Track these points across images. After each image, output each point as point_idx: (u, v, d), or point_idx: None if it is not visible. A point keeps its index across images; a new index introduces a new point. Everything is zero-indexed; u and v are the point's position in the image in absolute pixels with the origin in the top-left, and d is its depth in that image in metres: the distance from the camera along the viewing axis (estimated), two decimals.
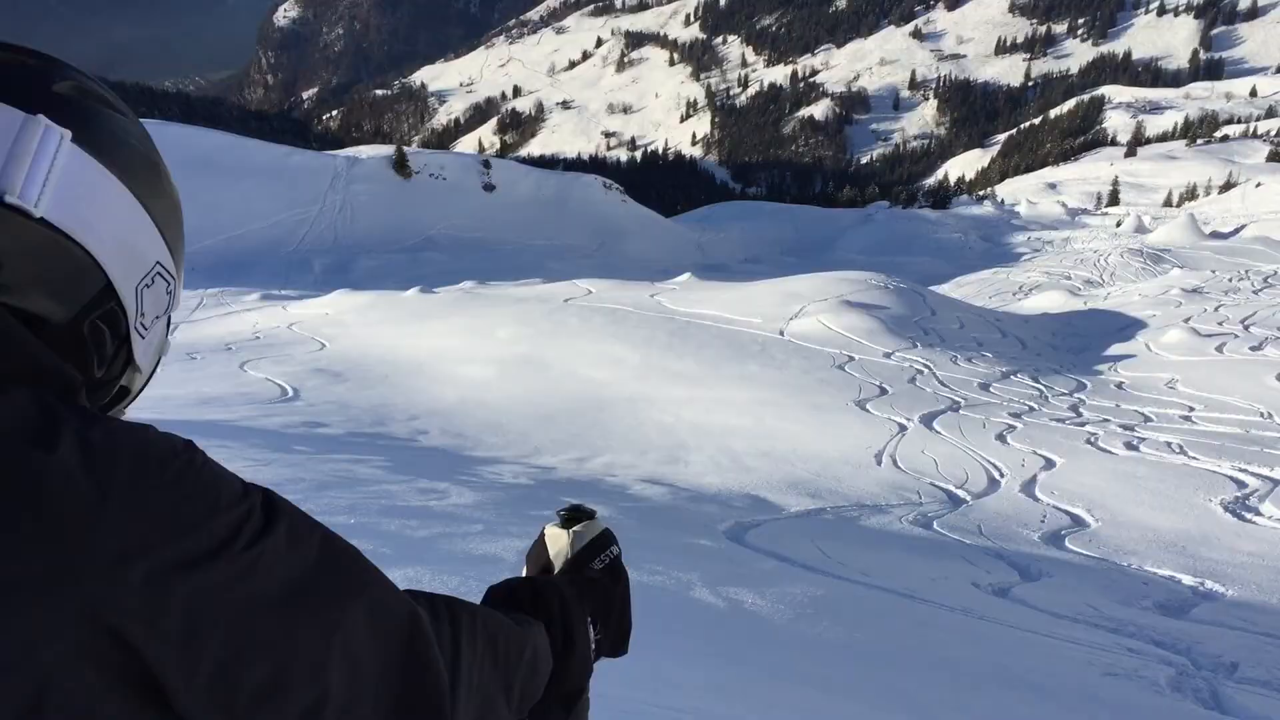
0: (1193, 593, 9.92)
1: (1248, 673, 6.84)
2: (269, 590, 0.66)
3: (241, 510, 0.67)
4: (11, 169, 0.68)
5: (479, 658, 0.90)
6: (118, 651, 0.59)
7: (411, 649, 0.78)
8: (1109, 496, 14.20)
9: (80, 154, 0.73)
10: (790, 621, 6.36)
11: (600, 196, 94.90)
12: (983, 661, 6.12)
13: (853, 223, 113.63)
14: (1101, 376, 24.85)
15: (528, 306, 29.75)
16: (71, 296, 0.75)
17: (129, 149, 0.80)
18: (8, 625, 0.54)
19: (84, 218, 0.74)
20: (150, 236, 0.81)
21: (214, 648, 0.63)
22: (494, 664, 0.93)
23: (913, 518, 12.75)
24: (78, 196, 0.73)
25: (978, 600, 8.43)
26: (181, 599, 0.61)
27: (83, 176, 0.73)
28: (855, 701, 4.83)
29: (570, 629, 1.12)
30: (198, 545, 0.63)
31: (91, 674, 0.58)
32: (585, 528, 1.29)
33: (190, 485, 0.64)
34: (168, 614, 0.60)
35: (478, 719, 0.88)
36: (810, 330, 27.12)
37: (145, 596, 0.59)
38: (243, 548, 0.65)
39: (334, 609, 0.71)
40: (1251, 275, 41.78)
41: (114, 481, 0.60)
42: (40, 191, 0.70)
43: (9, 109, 0.70)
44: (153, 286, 0.83)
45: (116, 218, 0.77)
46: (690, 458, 15.71)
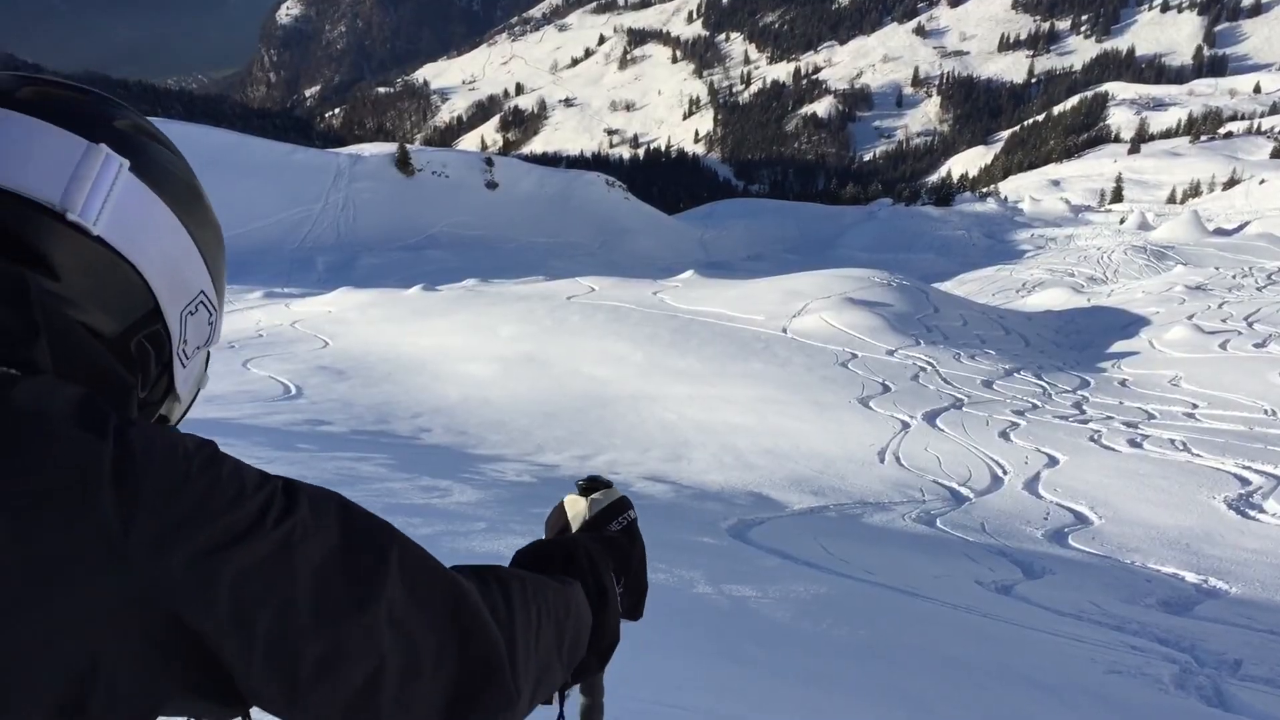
0: (1196, 590, 9.91)
1: (1251, 670, 6.84)
2: (306, 564, 0.72)
3: (264, 494, 0.72)
4: (74, 190, 0.74)
5: (533, 623, 0.94)
6: (170, 631, 0.65)
7: (459, 618, 0.83)
8: (1112, 494, 14.18)
9: (136, 182, 0.80)
10: (793, 619, 6.36)
11: (603, 194, 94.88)
12: (986, 659, 6.12)
13: (855, 220, 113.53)
14: (1105, 374, 24.83)
15: (530, 304, 29.74)
16: (122, 313, 0.80)
17: (179, 181, 0.86)
18: (55, 604, 0.59)
19: (137, 240, 0.80)
20: (196, 266, 0.87)
21: (265, 623, 0.68)
22: (547, 627, 0.98)
23: (916, 515, 12.74)
24: (132, 220, 0.79)
25: (981, 598, 8.43)
26: (226, 580, 0.66)
27: (138, 202, 0.80)
28: (857, 699, 4.83)
29: (603, 584, 1.17)
30: (229, 529, 0.68)
31: (143, 653, 0.64)
32: (603, 494, 1.36)
33: (215, 477, 0.69)
34: (215, 594, 0.66)
35: (538, 681, 0.94)
36: (813, 327, 27.10)
37: (190, 580, 0.65)
38: (272, 526, 0.70)
39: (372, 578, 0.76)
40: (1255, 272, 41.69)
41: (149, 475, 0.65)
42: (99, 212, 0.76)
43: (75, 137, 0.77)
44: (196, 315, 0.89)
45: (166, 243, 0.83)
46: (693, 455, 15.70)
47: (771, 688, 4.44)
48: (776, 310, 29.33)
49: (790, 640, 5.72)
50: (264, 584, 0.69)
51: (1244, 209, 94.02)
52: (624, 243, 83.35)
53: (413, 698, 0.79)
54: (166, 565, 0.64)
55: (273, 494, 0.73)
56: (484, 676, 0.84)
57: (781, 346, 25.31)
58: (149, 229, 0.81)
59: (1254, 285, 37.50)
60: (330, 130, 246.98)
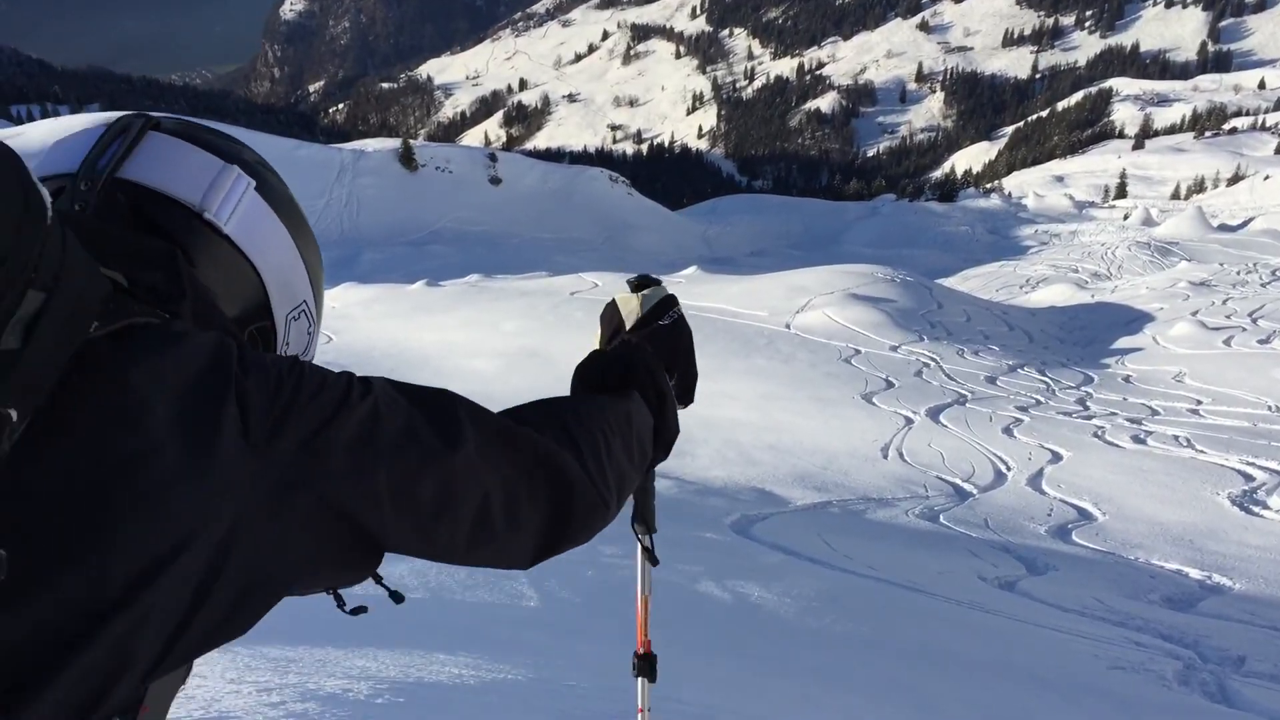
0: (1200, 586, 9.90)
1: (1255, 666, 6.83)
2: (394, 424, 0.88)
3: (344, 381, 0.89)
4: (211, 195, 0.95)
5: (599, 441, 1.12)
6: (304, 500, 0.81)
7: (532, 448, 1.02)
8: (1116, 490, 14.17)
9: (259, 200, 1.00)
10: (796, 615, 6.36)
11: (606, 190, 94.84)
12: (989, 655, 6.12)
13: (859, 216, 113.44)
14: (1109, 370, 24.80)
15: (533, 300, 29.76)
16: (239, 301, 0.99)
17: (292, 207, 1.06)
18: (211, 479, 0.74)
19: (257, 244, 1.00)
20: (302, 278, 1.06)
21: (383, 477, 0.86)
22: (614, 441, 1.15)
23: (919, 511, 12.74)
24: (254, 227, 0.99)
25: (984, 594, 8.43)
26: (339, 449, 0.83)
27: (259, 216, 1.00)
28: (860, 695, 4.83)
29: (660, 388, 1.32)
30: (323, 409, 0.84)
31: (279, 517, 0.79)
32: (653, 291, 1.47)
33: (300, 374, 0.85)
34: (332, 462, 0.82)
35: (619, 487, 1.14)
36: (816, 323, 27.08)
37: (307, 455, 0.81)
38: (358, 401, 0.87)
39: (450, 425, 0.94)
40: (1260, 268, 41.61)
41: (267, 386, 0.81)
42: (230, 216, 0.96)
43: (213, 157, 0.98)
44: (298, 321, 1.08)
45: (280, 252, 1.02)
46: (696, 451, 15.69)
47: (774, 682, 4.44)
48: (780, 306, 29.31)
49: (793, 635, 5.72)
50: (369, 445, 0.85)
51: (1248, 205, 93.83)
52: (627, 238, 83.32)
53: (519, 518, 1.00)
54: (289, 443, 0.80)
55: (350, 380, 0.89)
56: (567, 490, 1.04)
57: (785, 342, 25.30)
58: (267, 238, 1.01)
59: (1258, 281, 37.41)
60: (334, 126, 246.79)
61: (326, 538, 0.84)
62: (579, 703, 3.30)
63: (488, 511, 0.96)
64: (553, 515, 1.04)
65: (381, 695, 2.90)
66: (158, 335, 0.78)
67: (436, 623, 4.39)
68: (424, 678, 3.31)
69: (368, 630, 4.09)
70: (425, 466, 0.89)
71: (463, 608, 4.75)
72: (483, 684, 3.40)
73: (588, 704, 3.30)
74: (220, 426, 0.76)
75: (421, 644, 3.94)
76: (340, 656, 3.43)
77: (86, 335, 0.73)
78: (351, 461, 0.84)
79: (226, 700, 2.56)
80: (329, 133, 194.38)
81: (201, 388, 0.76)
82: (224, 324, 0.92)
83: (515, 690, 3.42)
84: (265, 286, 1.01)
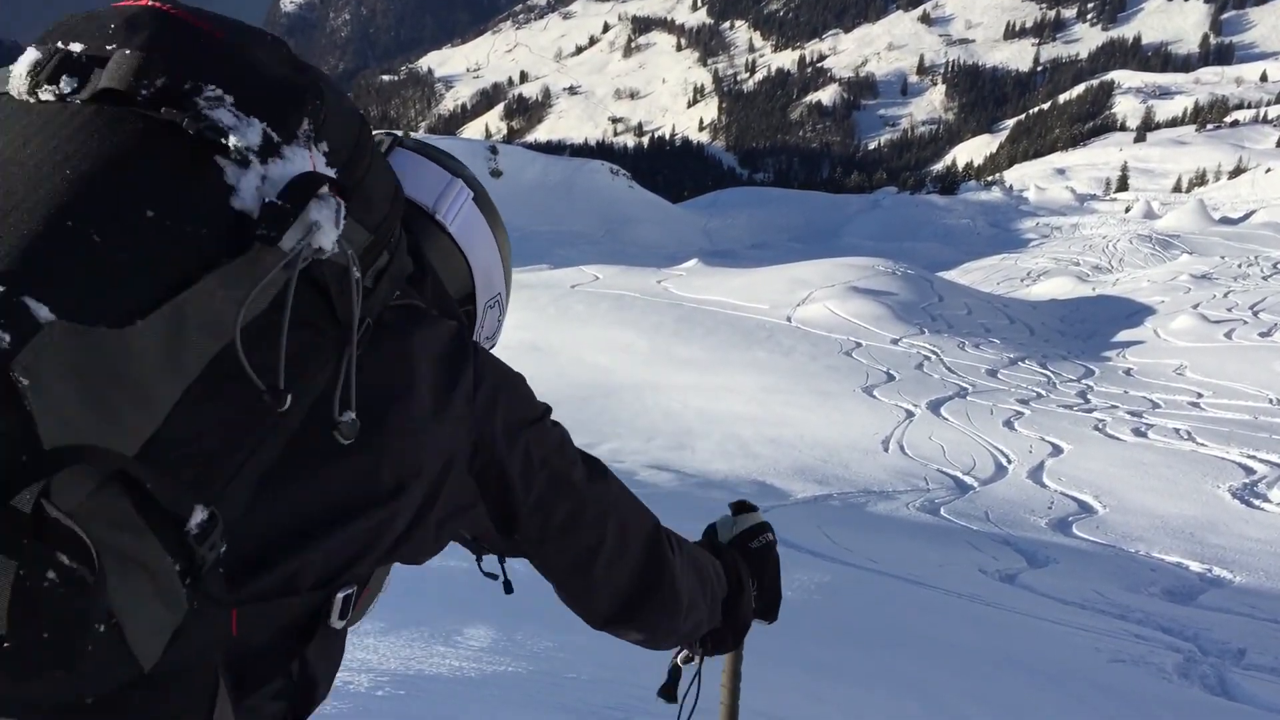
0: (1200, 579, 9.91)
1: (1255, 659, 6.84)
2: (569, 449, 1.14)
3: (545, 405, 1.14)
4: (441, 201, 1.21)
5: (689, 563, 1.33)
6: (488, 468, 1.02)
7: (651, 527, 1.25)
8: (1117, 483, 14.18)
9: (474, 208, 1.26)
10: (797, 608, 6.37)
11: (607, 182, 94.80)
12: (989, 648, 6.13)
13: (860, 209, 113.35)
14: (1110, 363, 24.80)
15: (534, 293, 29.73)
16: (454, 288, 1.24)
17: (496, 215, 1.32)
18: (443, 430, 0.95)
19: (470, 242, 1.26)
20: (499, 273, 1.34)
21: (542, 481, 1.07)
22: (696, 570, 1.35)
23: (920, 504, 12.75)
24: (470, 229, 1.25)
25: (984, 586, 8.44)
26: (524, 443, 1.05)
27: (474, 220, 1.26)
28: (862, 688, 4.84)
29: (739, 574, 1.50)
30: (530, 412, 1.09)
31: (469, 482, 1.01)
32: (748, 516, 1.65)
33: (521, 379, 1.11)
34: (516, 450, 1.04)
35: (690, 604, 1.31)
36: (817, 316, 27.08)
37: (505, 436, 1.03)
38: (551, 423, 1.13)
39: (603, 472, 1.19)
40: (1261, 261, 41.59)
41: (489, 359, 1.07)
42: (454, 218, 1.22)
43: (444, 171, 1.25)
44: (493, 309, 1.36)
45: (486, 252, 1.29)
46: (697, 444, 15.71)
47: (774, 675, 4.45)
48: (781, 299, 29.30)
49: (793, 628, 5.72)
50: (543, 454, 1.08)
51: (1250, 198, 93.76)
52: (628, 231, 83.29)
53: (615, 572, 1.19)
54: (493, 420, 1.02)
55: (549, 408, 1.14)
56: (658, 574, 1.23)
57: (785, 335, 25.30)
58: (478, 238, 1.27)
59: (1259, 274, 37.40)
60: None
61: (484, 498, 1.04)
62: (579, 695, 3.31)
63: (598, 551, 1.16)
64: (641, 587, 1.23)
65: (382, 688, 2.91)
66: (424, 314, 1.02)
67: (438, 616, 4.40)
68: (424, 670, 3.31)
69: (368, 623, 4.10)
70: (573, 489, 1.12)
71: (463, 602, 4.77)
72: (483, 677, 3.41)
73: (587, 696, 3.31)
74: (458, 385, 0.98)
75: (422, 637, 3.95)
76: None
77: (391, 301, 0.96)
78: (527, 458, 1.06)
79: None
80: None
81: (451, 356, 0.99)
82: (450, 303, 1.19)
83: (515, 683, 3.43)
84: (473, 277, 1.27)
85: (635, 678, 3.81)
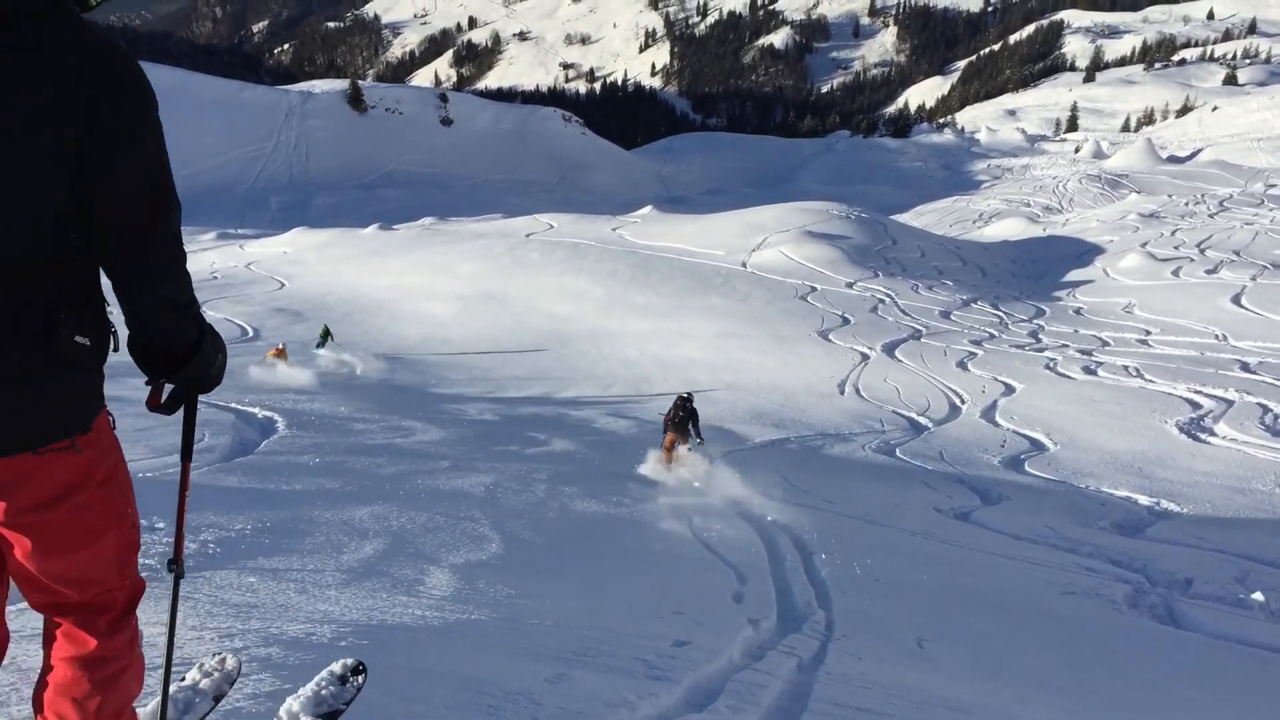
0: (1148, 512, 10.14)
1: (1201, 588, 7.02)
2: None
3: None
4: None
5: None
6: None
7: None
8: (1067, 420, 14.42)
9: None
10: (754, 549, 6.44)
11: (560, 129, 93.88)
12: (943, 583, 6.23)
13: (814, 153, 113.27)
14: (1060, 302, 25.10)
15: (489, 242, 29.50)
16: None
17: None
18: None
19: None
20: None
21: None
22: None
23: (875, 445, 12.90)
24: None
25: (939, 524, 8.58)
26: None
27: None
28: (818, 627, 4.90)
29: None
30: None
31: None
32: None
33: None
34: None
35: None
36: (772, 261, 27.12)
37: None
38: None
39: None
40: (1207, 199, 42.14)
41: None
42: None
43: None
44: None
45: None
46: (654, 390, 15.74)
47: (731, 615, 4.51)
48: (736, 245, 29.29)
49: (749, 571, 5.79)
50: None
51: (1196, 136, 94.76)
52: (582, 179, 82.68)
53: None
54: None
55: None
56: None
57: (741, 281, 25.33)
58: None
59: (1206, 212, 37.92)
60: (280, 67, 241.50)
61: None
62: (541, 640, 3.34)
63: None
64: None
65: (345, 639, 2.91)
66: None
67: (399, 567, 4.40)
68: (387, 620, 3.32)
69: (330, 575, 4.09)
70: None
71: (425, 551, 4.77)
72: (446, 625, 3.42)
73: (549, 640, 3.33)
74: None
75: (384, 587, 3.95)
76: (302, 601, 3.43)
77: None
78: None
79: (189, 647, 2.56)
80: (275, 74, 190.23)
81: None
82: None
83: (479, 630, 3.44)
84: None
85: (595, 621, 3.84)
